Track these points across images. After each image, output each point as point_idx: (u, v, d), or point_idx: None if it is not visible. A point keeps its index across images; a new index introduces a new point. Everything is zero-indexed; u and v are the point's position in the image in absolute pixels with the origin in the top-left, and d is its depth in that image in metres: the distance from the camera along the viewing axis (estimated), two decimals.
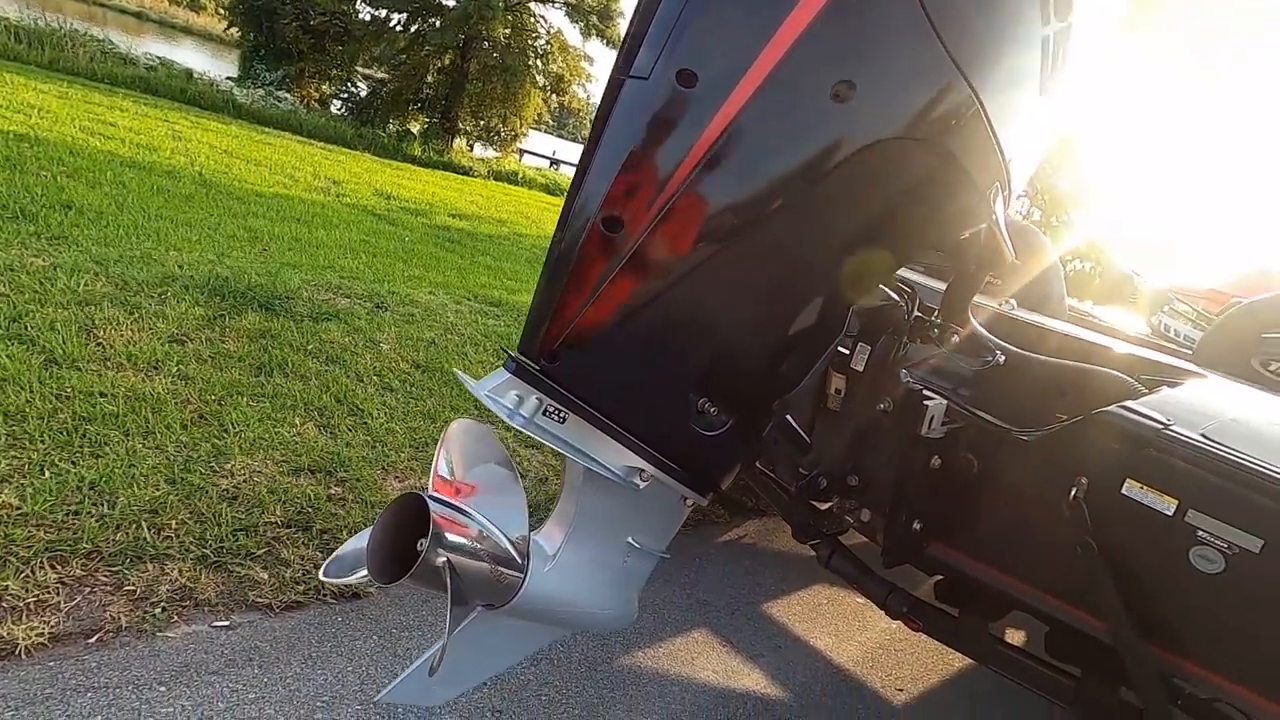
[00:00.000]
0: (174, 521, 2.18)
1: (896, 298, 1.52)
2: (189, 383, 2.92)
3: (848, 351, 1.52)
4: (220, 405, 2.85)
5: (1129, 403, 1.55)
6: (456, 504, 1.15)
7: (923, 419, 1.61)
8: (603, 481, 1.26)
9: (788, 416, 1.52)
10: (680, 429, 1.30)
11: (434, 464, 1.23)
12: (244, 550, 2.18)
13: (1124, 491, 1.53)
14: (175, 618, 1.93)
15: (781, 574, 3.14)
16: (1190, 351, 3.58)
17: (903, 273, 2.00)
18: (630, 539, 1.40)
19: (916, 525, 1.79)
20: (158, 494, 2.25)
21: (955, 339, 1.57)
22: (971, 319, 1.79)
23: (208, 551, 2.12)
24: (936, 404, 1.62)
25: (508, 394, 1.14)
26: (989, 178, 1.28)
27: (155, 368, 2.96)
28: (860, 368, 1.49)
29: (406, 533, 1.09)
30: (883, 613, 2.07)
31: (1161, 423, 1.49)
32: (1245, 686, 1.49)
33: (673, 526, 1.50)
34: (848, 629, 2.88)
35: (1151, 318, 6.50)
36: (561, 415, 1.19)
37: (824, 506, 1.83)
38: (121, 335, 3.12)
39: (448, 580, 1.04)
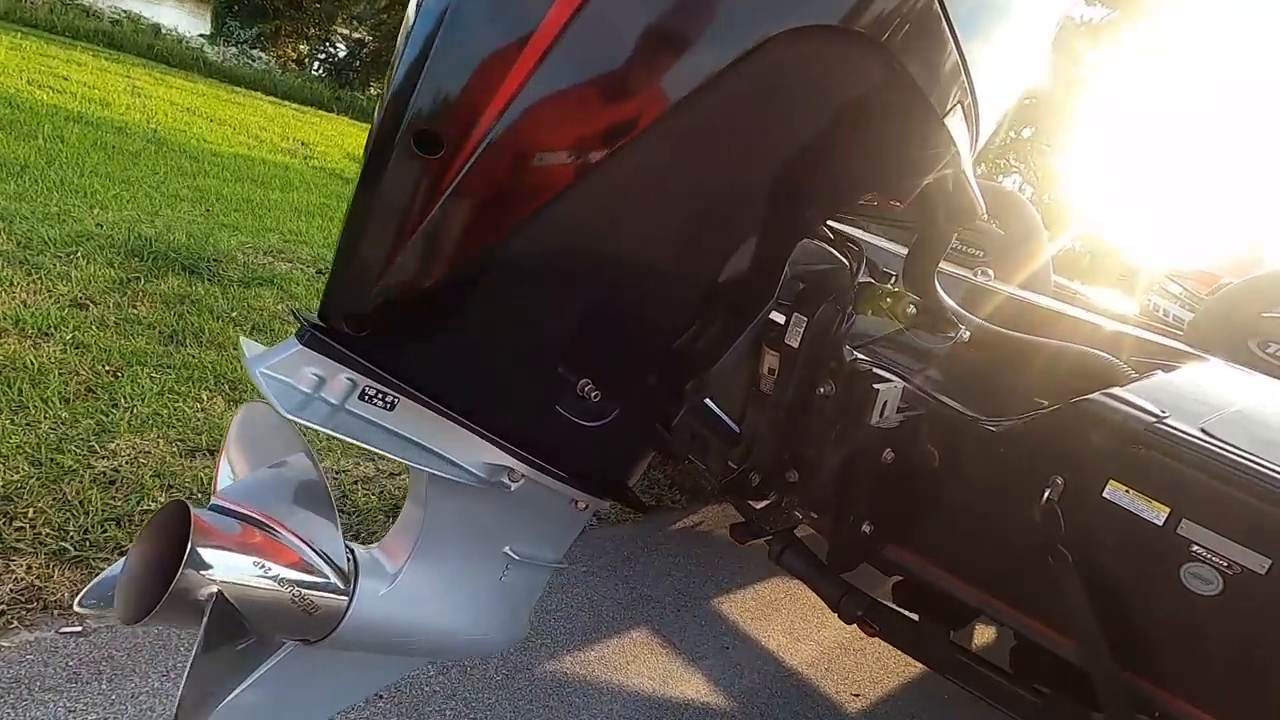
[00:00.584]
0: (31, 510, 1.91)
1: (841, 258, 1.26)
2: (82, 352, 2.63)
3: (782, 322, 1.26)
4: (115, 377, 2.57)
5: (1116, 390, 1.30)
6: (244, 512, 0.89)
7: (873, 405, 1.35)
8: (459, 483, 1.00)
9: (707, 401, 1.27)
10: (550, 418, 1.03)
11: (217, 465, 0.96)
12: (112, 543, 1.92)
13: (1106, 495, 1.29)
14: (15, 623, 1.67)
15: (738, 564, 2.91)
16: (1180, 332, 3.36)
17: (854, 234, 1.74)
18: (508, 549, 1.15)
19: (866, 527, 1.55)
20: (16, 478, 1.98)
21: (912, 310, 1.32)
22: (936, 288, 1.52)
23: (67, 545, 1.86)
24: (890, 387, 1.37)
25: (300, 372, 0.87)
26: (949, 105, 1.01)
27: (45, 334, 2.67)
28: (795, 343, 1.24)
29: (175, 555, 0.83)
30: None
31: (1154, 415, 1.25)
32: (1210, 712, 1.26)
33: (569, 532, 1.25)
34: (804, 627, 2.67)
35: (1143, 298, 6.25)
36: (389, 400, 0.92)
37: (761, 505, 1.59)
38: (13, 298, 2.82)
39: (206, 615, 0.79)
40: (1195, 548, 1.20)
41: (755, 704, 2.22)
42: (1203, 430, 1.22)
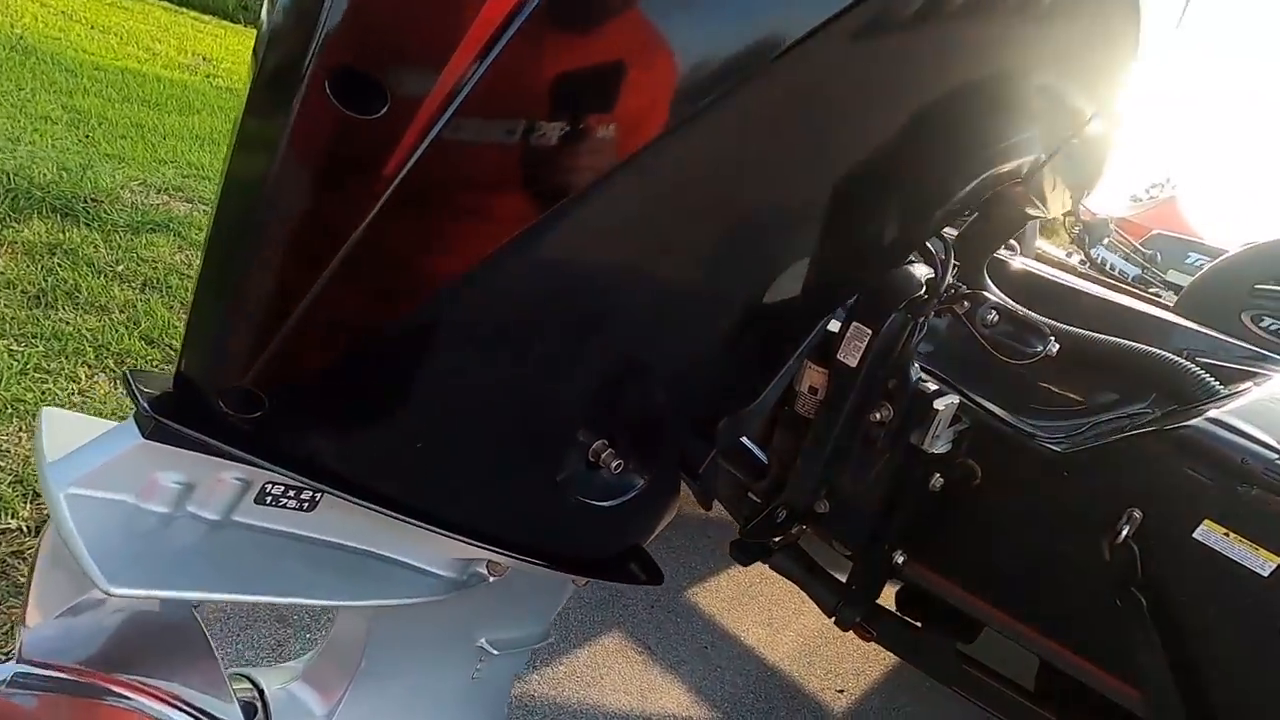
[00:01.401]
0: None
1: (920, 257, 0.99)
2: None
3: (834, 334, 0.99)
4: None
5: (1219, 413, 1.09)
6: (61, 676, 0.56)
7: (929, 426, 1.10)
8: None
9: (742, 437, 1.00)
10: (554, 505, 0.73)
11: (25, 600, 0.62)
12: None
13: (1197, 536, 1.09)
14: None
15: (711, 547, 2.72)
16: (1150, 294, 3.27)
17: None
18: (482, 642, 0.86)
19: (900, 557, 1.33)
20: None
21: (994, 317, 1.07)
22: (988, 281, 1.27)
23: None
24: (948, 404, 1.12)
25: (149, 479, 0.54)
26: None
27: None
28: (852, 361, 0.96)
29: None
30: None
31: (1269, 446, 1.04)
32: None
33: (554, 605, 0.96)
34: (781, 615, 2.51)
35: (1093, 251, 6.27)
36: (307, 500, 0.60)
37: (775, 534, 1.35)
38: None
39: None
40: None
41: (740, 710, 2.05)
42: None
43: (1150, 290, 4.70)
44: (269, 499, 0.60)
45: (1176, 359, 1.21)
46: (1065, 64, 0.79)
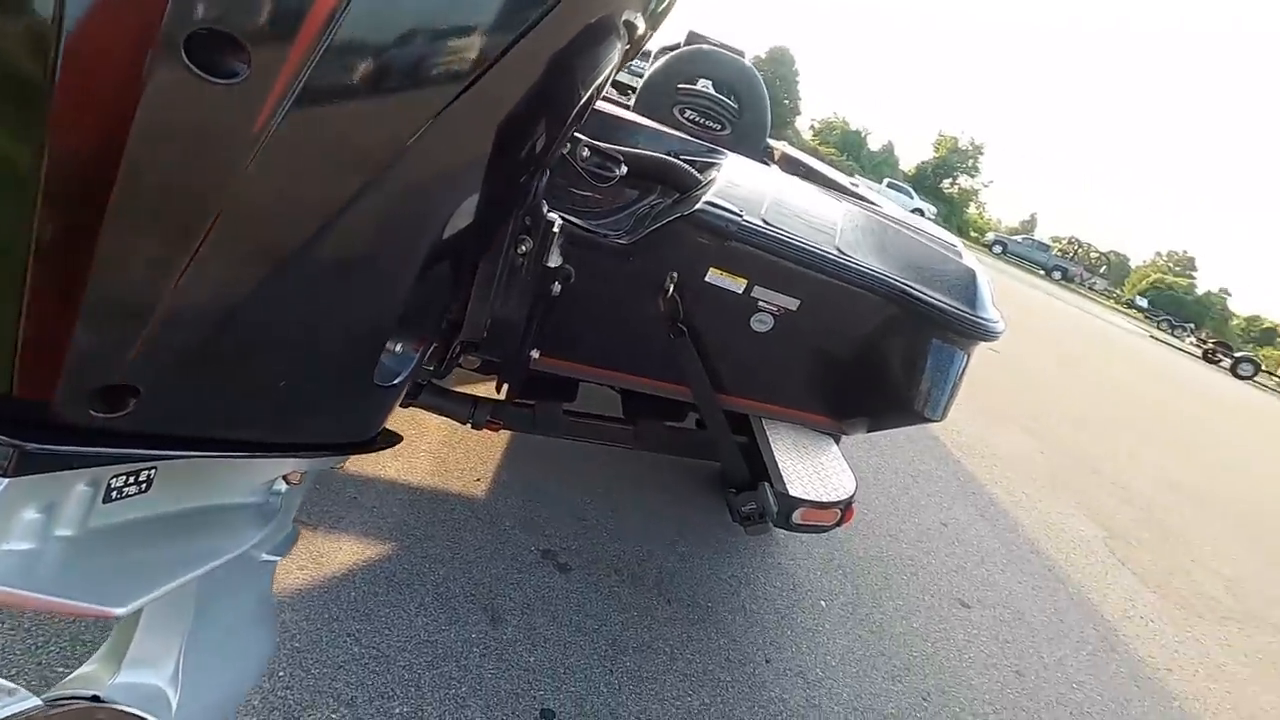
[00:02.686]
0: None
1: None
2: None
3: None
4: None
5: (710, 199, 1.63)
6: None
7: (549, 246, 1.39)
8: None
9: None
10: (362, 397, 0.78)
11: None
12: None
13: (709, 280, 1.68)
14: None
15: None
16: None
17: None
18: (264, 555, 0.88)
19: (535, 353, 1.66)
20: None
21: (586, 152, 1.33)
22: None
23: None
24: (560, 225, 1.41)
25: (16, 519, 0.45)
26: None
27: None
28: None
29: None
30: (431, 413, 2.01)
31: (736, 214, 1.63)
32: (769, 403, 1.98)
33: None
34: (407, 449, 2.73)
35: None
36: (144, 478, 0.55)
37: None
38: None
39: None
40: (760, 303, 1.72)
41: (404, 532, 2.29)
42: (764, 220, 1.67)
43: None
44: (114, 494, 0.51)
45: (674, 161, 1.72)
46: None
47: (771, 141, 3.98)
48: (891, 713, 2.27)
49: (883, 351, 1.72)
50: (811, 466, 2.04)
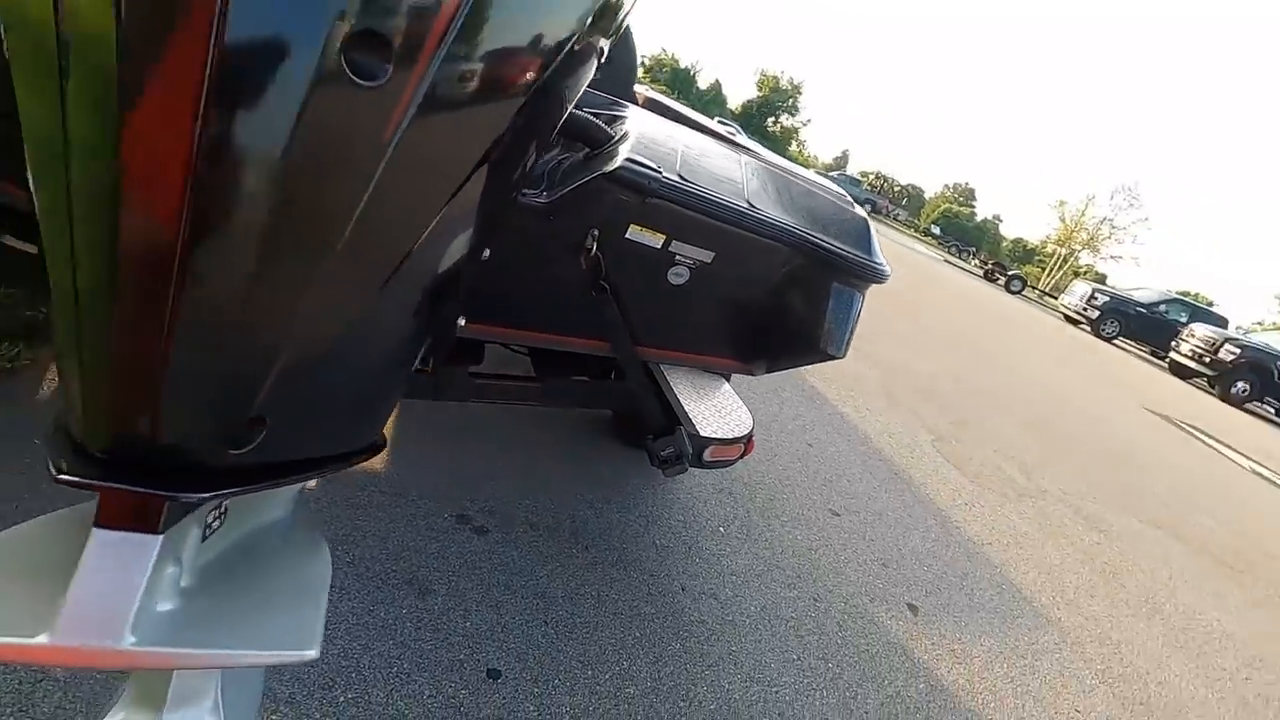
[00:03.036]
0: None
1: None
2: None
3: None
4: None
5: (630, 158, 1.63)
6: None
7: None
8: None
9: None
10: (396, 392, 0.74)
11: None
12: None
13: (629, 236, 1.70)
14: None
15: None
16: None
17: None
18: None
19: (462, 320, 1.60)
20: None
21: None
22: None
23: None
24: None
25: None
26: None
27: None
28: None
29: None
30: None
31: (656, 171, 1.65)
32: (683, 352, 2.06)
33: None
34: None
35: None
36: (223, 513, 0.50)
37: None
38: None
39: None
40: (677, 257, 1.77)
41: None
42: (680, 176, 1.70)
43: None
44: (209, 531, 0.44)
45: (588, 116, 1.69)
46: None
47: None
48: (791, 616, 2.55)
49: (790, 297, 1.86)
50: (713, 407, 2.17)
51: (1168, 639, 3.57)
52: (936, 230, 59.18)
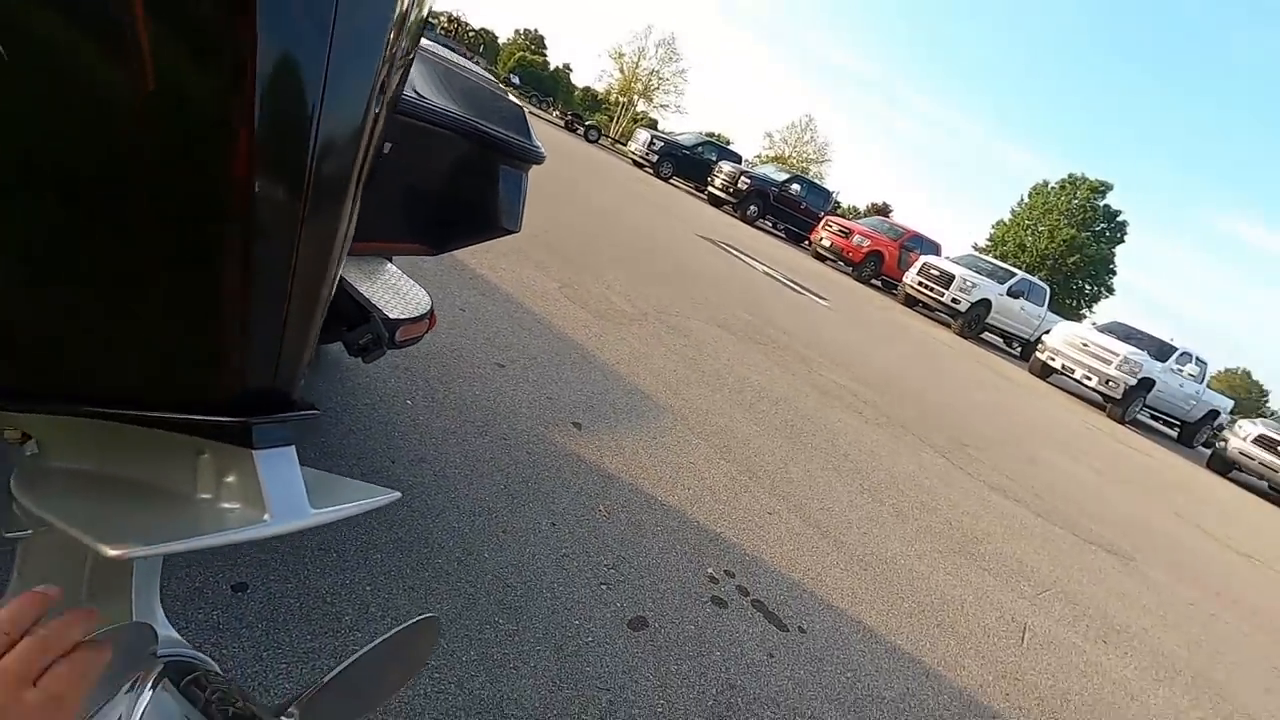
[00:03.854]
0: None
1: None
2: None
3: None
4: None
5: None
6: None
7: None
8: None
9: None
10: None
11: None
12: None
13: None
14: None
15: None
16: None
17: None
18: None
19: None
20: None
21: None
22: None
23: None
24: None
25: None
26: None
27: None
28: None
29: None
30: None
31: None
32: (368, 241, 2.09)
33: None
34: None
35: None
36: None
37: None
38: None
39: None
40: None
41: None
42: None
43: None
44: None
45: None
46: None
47: None
48: (489, 457, 2.96)
49: (464, 181, 2.03)
50: (390, 290, 2.31)
51: (731, 401, 5.06)
52: (516, 80, 60.02)
